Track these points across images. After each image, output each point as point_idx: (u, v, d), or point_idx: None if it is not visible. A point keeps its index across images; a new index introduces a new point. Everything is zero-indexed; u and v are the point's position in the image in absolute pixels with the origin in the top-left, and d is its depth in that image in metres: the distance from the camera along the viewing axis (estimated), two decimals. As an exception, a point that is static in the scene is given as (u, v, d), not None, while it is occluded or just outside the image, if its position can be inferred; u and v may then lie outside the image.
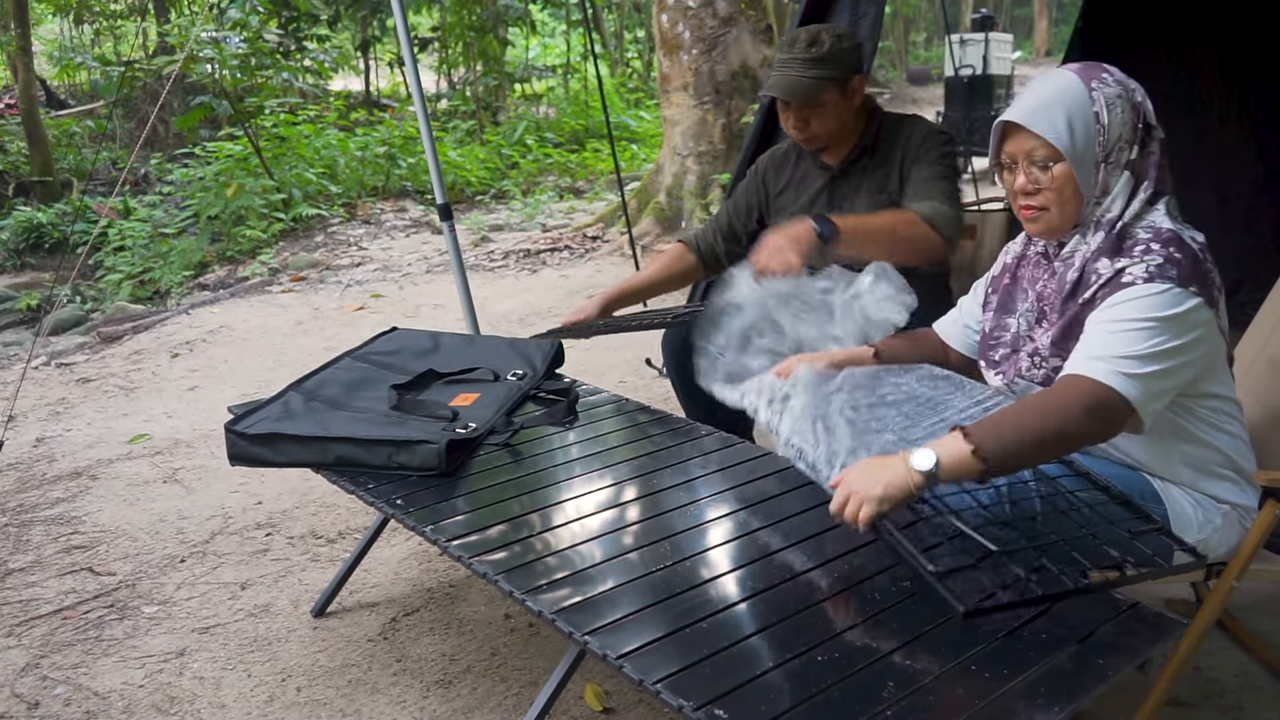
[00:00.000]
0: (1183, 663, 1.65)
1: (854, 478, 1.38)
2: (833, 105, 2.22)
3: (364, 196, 8.69)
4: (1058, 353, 1.54)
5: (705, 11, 6.17)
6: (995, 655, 1.22)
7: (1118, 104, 1.50)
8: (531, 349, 2.38)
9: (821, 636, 1.24)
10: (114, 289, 6.98)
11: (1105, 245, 1.52)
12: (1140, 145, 1.53)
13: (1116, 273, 1.47)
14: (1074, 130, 1.49)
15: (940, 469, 1.35)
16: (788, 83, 2.21)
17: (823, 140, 2.29)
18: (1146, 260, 1.45)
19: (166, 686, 2.10)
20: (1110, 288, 1.47)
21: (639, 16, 15.74)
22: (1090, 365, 1.42)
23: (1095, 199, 1.54)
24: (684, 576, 1.43)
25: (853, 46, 2.24)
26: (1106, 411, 1.39)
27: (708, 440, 2.00)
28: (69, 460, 3.43)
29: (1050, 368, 1.56)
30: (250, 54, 8.39)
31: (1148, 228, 1.50)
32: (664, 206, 6.55)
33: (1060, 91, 1.51)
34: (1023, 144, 1.53)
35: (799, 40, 2.22)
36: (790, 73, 2.21)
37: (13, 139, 9.81)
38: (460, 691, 2.03)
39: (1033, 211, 1.56)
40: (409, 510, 1.73)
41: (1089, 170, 1.51)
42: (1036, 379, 1.59)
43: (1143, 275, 1.44)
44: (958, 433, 1.38)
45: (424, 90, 3.61)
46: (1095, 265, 1.52)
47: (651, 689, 1.17)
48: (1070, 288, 1.55)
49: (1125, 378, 1.39)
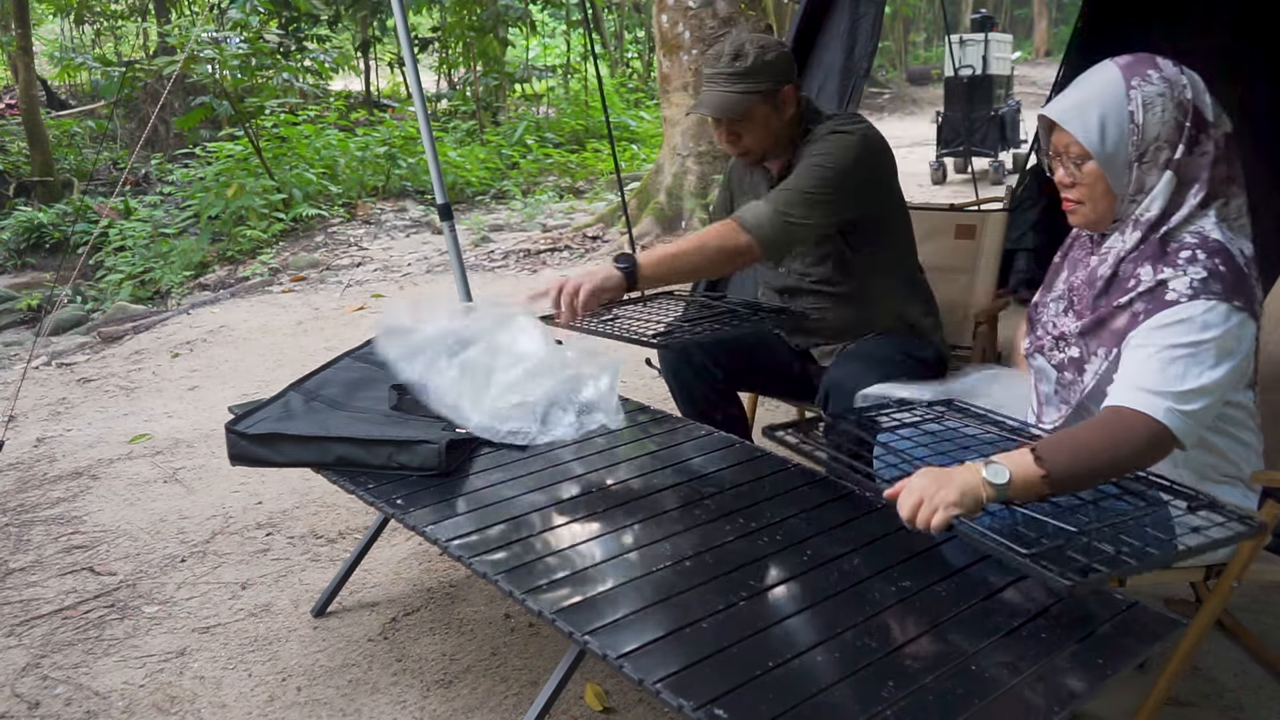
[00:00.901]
0: (1183, 663, 1.65)
1: (923, 484, 1.36)
2: (762, 118, 2.16)
3: (364, 196, 8.69)
4: (1081, 343, 1.57)
5: (705, 11, 6.17)
6: (995, 655, 1.22)
7: (1158, 103, 1.47)
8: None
9: (821, 636, 1.24)
10: (114, 289, 6.98)
11: (1147, 249, 1.50)
12: (1188, 144, 1.49)
13: (1159, 284, 1.46)
14: (1105, 130, 1.48)
15: (1011, 485, 1.36)
16: (714, 99, 2.14)
17: (756, 153, 2.23)
18: (1190, 273, 1.43)
19: (167, 686, 2.10)
20: (1152, 301, 1.46)
21: (639, 16, 15.74)
22: (1148, 401, 1.41)
23: (1131, 198, 1.52)
24: (684, 576, 1.43)
25: (779, 56, 2.16)
26: (1162, 447, 1.42)
27: (707, 440, 2.00)
28: (69, 460, 3.44)
29: (1068, 355, 1.59)
30: (250, 54, 8.39)
31: (1195, 234, 1.48)
32: (664, 206, 6.55)
33: (1098, 89, 1.50)
34: (1060, 139, 1.54)
35: (723, 54, 2.15)
36: (716, 88, 2.14)
37: (13, 139, 9.82)
38: (460, 691, 2.03)
39: (1071, 204, 1.58)
40: (409, 510, 1.73)
41: (1120, 170, 1.50)
42: (1053, 361, 1.63)
43: (1186, 292, 1.42)
44: (1027, 452, 1.38)
45: (424, 90, 3.61)
46: (1136, 269, 1.50)
47: (651, 689, 1.17)
48: (1103, 284, 1.55)
49: (1180, 415, 1.40)
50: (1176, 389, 1.40)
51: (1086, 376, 1.57)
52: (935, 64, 20.08)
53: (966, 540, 1.34)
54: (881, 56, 18.43)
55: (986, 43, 8.96)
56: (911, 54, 22.84)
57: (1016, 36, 18.50)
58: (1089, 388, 1.57)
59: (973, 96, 8.91)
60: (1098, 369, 1.55)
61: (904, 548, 1.47)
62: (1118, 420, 1.42)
